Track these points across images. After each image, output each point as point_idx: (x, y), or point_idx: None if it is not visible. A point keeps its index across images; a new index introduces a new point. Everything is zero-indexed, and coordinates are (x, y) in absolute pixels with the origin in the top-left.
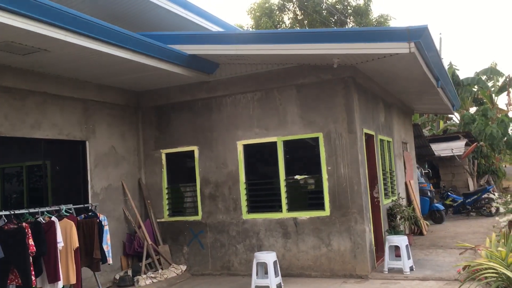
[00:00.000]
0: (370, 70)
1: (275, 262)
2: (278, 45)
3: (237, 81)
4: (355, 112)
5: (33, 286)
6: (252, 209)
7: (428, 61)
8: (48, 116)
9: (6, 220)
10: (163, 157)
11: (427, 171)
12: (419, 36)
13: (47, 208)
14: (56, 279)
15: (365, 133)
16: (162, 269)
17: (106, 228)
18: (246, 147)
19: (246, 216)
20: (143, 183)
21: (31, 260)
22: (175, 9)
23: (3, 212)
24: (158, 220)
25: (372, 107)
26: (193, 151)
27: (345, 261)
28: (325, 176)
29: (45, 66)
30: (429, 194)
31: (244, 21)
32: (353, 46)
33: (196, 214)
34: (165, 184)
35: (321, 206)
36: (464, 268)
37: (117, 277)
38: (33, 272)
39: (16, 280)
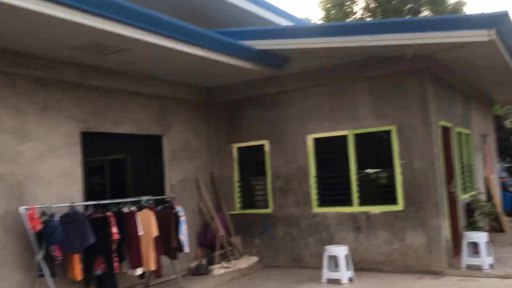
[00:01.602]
0: (446, 60)
1: (346, 256)
2: (349, 37)
3: (307, 75)
4: (430, 104)
5: (116, 271)
6: (322, 202)
7: (509, 48)
8: (128, 112)
9: (93, 210)
10: (235, 151)
11: (509, 165)
12: (499, 22)
13: (129, 199)
14: (138, 265)
15: (441, 126)
16: (234, 259)
17: (182, 218)
18: (316, 141)
19: (316, 209)
20: (215, 176)
21: (114, 247)
22: (244, 5)
23: (90, 202)
24: (230, 213)
25: (448, 98)
26: (263, 145)
27: (419, 256)
28: (398, 169)
29: (126, 65)
30: (510, 189)
31: (311, 14)
32: (428, 35)
33: (267, 207)
34: (236, 177)
35: (394, 201)
36: None
37: (193, 265)
38: (116, 258)
39: (102, 266)
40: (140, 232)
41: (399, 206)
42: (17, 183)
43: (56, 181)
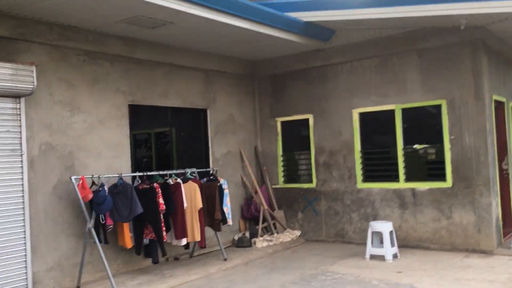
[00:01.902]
0: (503, 31)
1: (391, 232)
2: (399, 7)
3: (353, 48)
4: (484, 77)
5: (164, 240)
6: (367, 178)
7: None
8: (174, 86)
9: (140, 181)
10: (278, 125)
11: None
12: None
13: (174, 171)
14: (183, 235)
15: (495, 100)
16: (277, 233)
17: (226, 191)
18: (362, 115)
19: (361, 185)
20: (259, 150)
21: (162, 217)
22: None
23: (137, 174)
24: (273, 186)
25: (503, 72)
26: (307, 119)
27: (467, 235)
28: (447, 145)
29: (171, 38)
30: None
31: None
32: (484, 4)
33: (311, 181)
34: (280, 151)
35: (442, 177)
36: None
37: (236, 238)
38: (164, 228)
39: (151, 235)
40: (185, 204)
41: (448, 183)
42: (69, 154)
43: (105, 152)
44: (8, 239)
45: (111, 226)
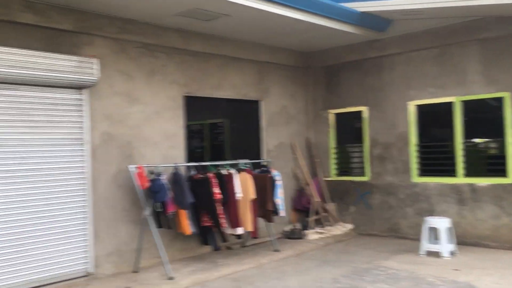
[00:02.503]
0: None
1: (448, 228)
2: None
3: (410, 38)
4: None
5: (224, 227)
6: (423, 172)
7: None
8: (227, 78)
9: (195, 171)
10: (331, 117)
11: None
12: None
13: (228, 162)
14: (237, 225)
15: None
16: (329, 226)
17: (279, 183)
18: (419, 108)
19: (416, 179)
20: (311, 142)
21: (218, 205)
22: None
23: (192, 164)
24: (325, 179)
25: None
26: (361, 111)
27: None
28: (510, 140)
29: (226, 31)
30: None
31: None
32: None
33: (364, 174)
34: (332, 144)
35: (503, 173)
36: None
37: (287, 229)
38: (222, 215)
39: (208, 222)
40: (239, 194)
41: (509, 179)
42: (127, 143)
43: (161, 142)
44: (72, 224)
45: (173, 212)
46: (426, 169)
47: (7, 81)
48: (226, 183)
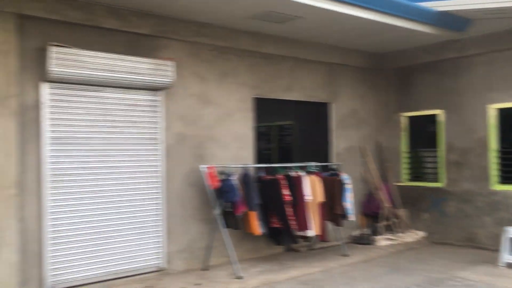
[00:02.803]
0: None
1: None
2: None
3: (492, 38)
4: None
5: (293, 228)
6: (504, 179)
7: None
8: (297, 80)
9: (263, 172)
10: (404, 120)
11: None
12: None
13: (297, 164)
14: (306, 227)
15: None
16: (399, 232)
17: (348, 186)
18: (501, 112)
19: (496, 186)
20: (382, 146)
21: (287, 207)
22: None
23: (261, 165)
24: (396, 184)
25: None
26: (436, 115)
27: None
28: None
29: (298, 33)
30: None
31: None
32: None
33: (438, 181)
34: (404, 148)
35: None
36: None
37: (355, 234)
38: (292, 217)
39: (277, 223)
40: (309, 197)
41: None
42: (199, 144)
43: (231, 143)
44: (148, 220)
45: (243, 212)
46: (507, 176)
47: (92, 83)
48: (295, 185)
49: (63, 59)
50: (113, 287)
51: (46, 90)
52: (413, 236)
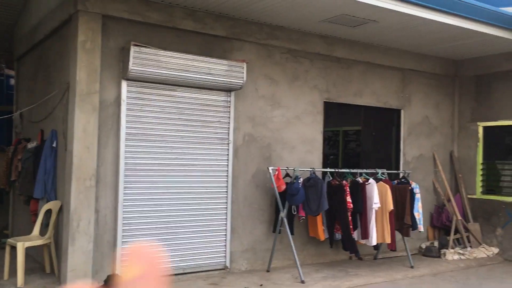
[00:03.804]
0: None
1: None
2: None
3: None
4: None
5: (352, 237)
6: None
7: None
8: (368, 85)
9: (331, 177)
10: (480, 130)
11: None
12: None
13: (365, 170)
14: (366, 236)
15: None
16: (470, 247)
17: (418, 196)
18: None
19: None
20: (455, 156)
21: (349, 214)
22: None
23: (329, 169)
24: (469, 196)
25: None
26: None
27: None
28: None
29: (370, 37)
30: None
31: None
32: None
33: None
34: (480, 159)
35: None
36: None
37: (423, 246)
38: (351, 226)
39: (340, 231)
40: (378, 204)
41: None
42: (267, 146)
43: (299, 146)
44: (214, 218)
45: (303, 218)
46: None
47: (168, 82)
48: (362, 191)
49: (143, 59)
50: (179, 282)
51: (125, 88)
52: (485, 252)
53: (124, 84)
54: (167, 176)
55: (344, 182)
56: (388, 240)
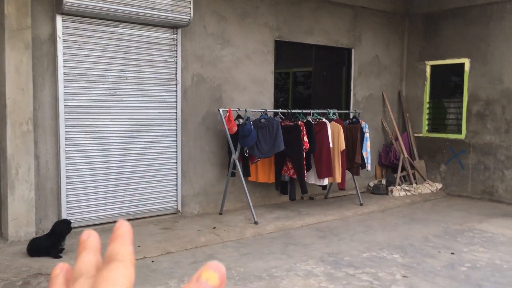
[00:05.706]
0: None
1: None
2: None
3: None
4: None
5: (305, 177)
6: None
7: None
8: (320, 22)
9: (283, 118)
10: (428, 69)
11: None
12: None
13: (317, 110)
14: (328, 175)
15: None
16: (416, 184)
17: (367, 135)
18: None
19: None
20: (403, 95)
21: (304, 155)
22: None
23: (281, 110)
24: (415, 135)
25: None
26: (462, 64)
27: None
28: None
29: None
30: None
31: None
32: None
33: (459, 132)
34: (426, 98)
35: None
36: None
37: (371, 184)
38: (304, 165)
39: (288, 172)
40: (331, 144)
41: None
42: (217, 86)
43: (250, 87)
44: (163, 162)
45: (255, 161)
46: None
47: (109, 18)
48: (317, 132)
49: None
50: None
51: (60, 23)
52: (430, 188)
53: (59, 18)
54: (112, 120)
55: (299, 122)
56: (338, 179)
